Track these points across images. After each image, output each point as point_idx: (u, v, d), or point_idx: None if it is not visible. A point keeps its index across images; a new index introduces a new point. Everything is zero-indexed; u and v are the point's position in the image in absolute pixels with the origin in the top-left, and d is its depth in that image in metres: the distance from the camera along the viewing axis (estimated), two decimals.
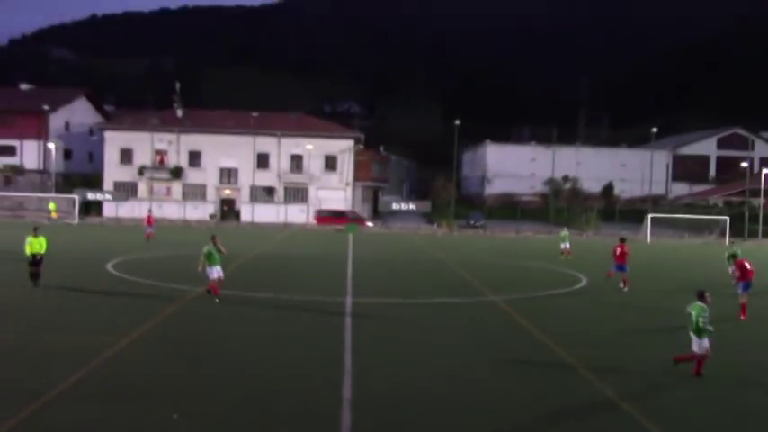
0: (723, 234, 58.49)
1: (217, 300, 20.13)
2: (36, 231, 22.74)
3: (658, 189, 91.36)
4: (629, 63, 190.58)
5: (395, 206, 71.47)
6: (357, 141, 75.39)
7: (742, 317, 19.99)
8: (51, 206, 59.68)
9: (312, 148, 70.42)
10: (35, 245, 22.10)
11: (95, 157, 78.49)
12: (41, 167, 76.11)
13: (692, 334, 13.44)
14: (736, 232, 62.12)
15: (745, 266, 20.91)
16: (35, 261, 22.06)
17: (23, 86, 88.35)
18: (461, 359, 14.49)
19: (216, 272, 20.73)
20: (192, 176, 71.37)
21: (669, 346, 16.56)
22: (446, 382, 12.69)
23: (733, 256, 26.57)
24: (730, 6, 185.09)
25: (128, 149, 71.21)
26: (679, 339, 17.43)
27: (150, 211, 46.97)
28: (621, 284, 25.34)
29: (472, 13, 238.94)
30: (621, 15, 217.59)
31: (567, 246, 38.39)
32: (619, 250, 26.19)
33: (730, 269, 26.36)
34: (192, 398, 11.31)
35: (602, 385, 12.57)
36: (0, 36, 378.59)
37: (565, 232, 39.91)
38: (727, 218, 61.23)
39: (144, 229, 43.45)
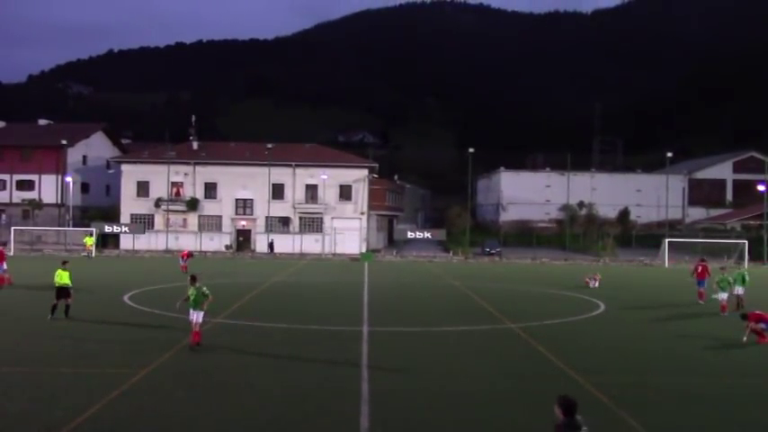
0: (742, 258, 57.89)
1: (194, 347, 17.80)
2: (65, 264, 23.21)
3: (675, 214, 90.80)
4: (642, 88, 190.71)
5: (410, 234, 71.36)
6: (371, 171, 75.60)
7: (761, 341, 19.72)
8: (88, 241, 59.45)
9: (327, 178, 70.72)
10: (63, 277, 22.52)
11: (113, 190, 79.20)
12: (59, 201, 76.90)
13: None
14: (755, 256, 61.51)
15: (761, 315, 20.44)
16: (61, 293, 22.36)
17: (42, 122, 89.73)
18: (479, 387, 14.36)
19: (191, 314, 18.25)
20: (208, 208, 71.78)
21: (688, 371, 16.37)
22: (464, 412, 12.57)
23: (728, 284, 26.03)
24: (744, 30, 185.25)
25: (144, 182, 71.78)
26: (698, 364, 17.22)
27: (191, 253, 47.75)
28: (700, 299, 27.93)
29: (485, 42, 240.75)
30: (634, 41, 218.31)
31: (596, 284, 36.43)
32: (701, 268, 29.55)
33: (720, 296, 25.81)
34: (207, 431, 11.27)
35: (622, 413, 12.40)
36: (19, 73, 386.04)
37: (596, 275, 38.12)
38: (746, 242, 60.62)
39: (179, 261, 44.48)
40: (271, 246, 68.17)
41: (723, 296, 25.84)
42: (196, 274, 19.13)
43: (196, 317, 18.09)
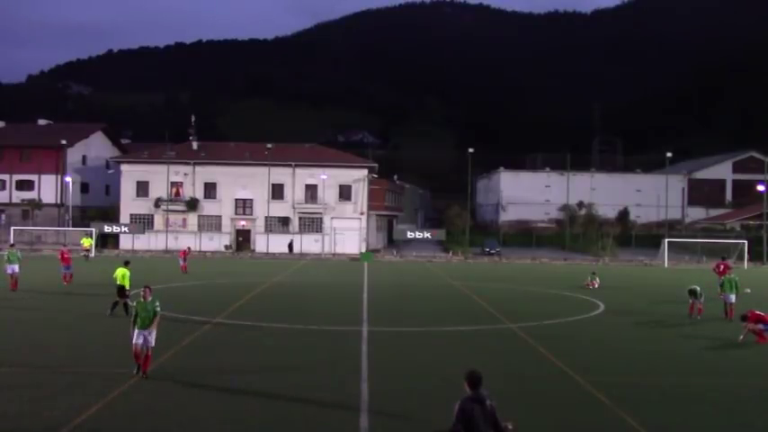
0: (741, 258, 57.87)
1: (139, 374, 14.55)
2: (126, 264, 24.20)
3: (674, 214, 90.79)
4: (642, 88, 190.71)
5: (409, 234, 71.33)
6: (371, 171, 75.58)
7: (761, 341, 19.74)
8: (86, 242, 58.17)
9: (326, 178, 70.71)
10: (124, 276, 23.59)
11: (112, 191, 79.15)
12: (59, 201, 76.85)
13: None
14: (755, 256, 61.51)
15: (761, 315, 20.42)
16: (122, 292, 23.34)
17: (41, 122, 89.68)
18: None
19: (138, 335, 14.73)
20: (208, 208, 71.74)
21: (688, 371, 16.36)
22: None
23: (693, 294, 25.47)
24: (744, 29, 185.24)
25: (144, 182, 71.75)
26: (698, 364, 17.22)
27: (189, 249, 47.28)
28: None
29: (485, 42, 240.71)
30: (634, 40, 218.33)
31: (596, 284, 36.30)
32: (723, 266, 31.23)
33: (695, 302, 25.40)
34: (207, 430, 11.26)
35: (622, 413, 12.39)
36: (18, 73, 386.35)
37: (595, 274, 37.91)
38: (745, 241, 60.64)
39: (179, 261, 44.10)
40: (290, 246, 68.12)
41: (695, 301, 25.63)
42: (150, 285, 16.07)
43: (143, 338, 14.64)
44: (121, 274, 23.57)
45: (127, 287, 23.53)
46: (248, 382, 14.45)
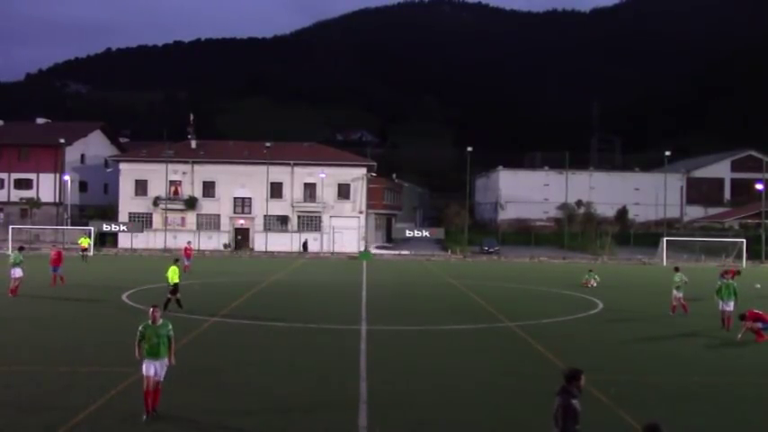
0: (739, 256, 57.91)
1: (144, 417, 11.56)
2: (176, 262, 25.18)
3: (673, 212, 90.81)
4: (640, 87, 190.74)
5: (408, 233, 71.36)
6: (370, 169, 75.56)
7: (759, 339, 19.80)
8: (84, 241, 57.46)
9: (325, 177, 70.69)
10: (174, 274, 24.43)
11: (111, 189, 79.00)
12: (57, 200, 76.75)
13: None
14: (753, 255, 61.55)
15: (760, 314, 20.49)
16: (174, 289, 24.23)
17: (40, 120, 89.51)
18: (477, 386, 14.37)
19: (149, 366, 11.81)
20: (207, 207, 71.68)
21: (687, 370, 16.37)
22: (463, 410, 12.57)
23: (683, 283, 25.61)
24: (743, 28, 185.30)
25: (142, 181, 71.69)
26: (697, 363, 17.24)
27: (189, 243, 46.99)
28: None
29: (483, 40, 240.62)
30: (632, 39, 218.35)
31: (594, 283, 36.37)
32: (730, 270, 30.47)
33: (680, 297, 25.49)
34: (207, 429, 11.26)
35: (620, 411, 12.41)
36: (17, 71, 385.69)
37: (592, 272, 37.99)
38: (743, 240, 60.70)
39: (182, 261, 43.17)
40: (305, 245, 68.01)
41: (677, 294, 25.68)
42: (158, 306, 13.20)
43: (153, 369, 11.80)
44: (172, 272, 24.45)
45: (177, 281, 24.54)
46: (247, 380, 14.47)
